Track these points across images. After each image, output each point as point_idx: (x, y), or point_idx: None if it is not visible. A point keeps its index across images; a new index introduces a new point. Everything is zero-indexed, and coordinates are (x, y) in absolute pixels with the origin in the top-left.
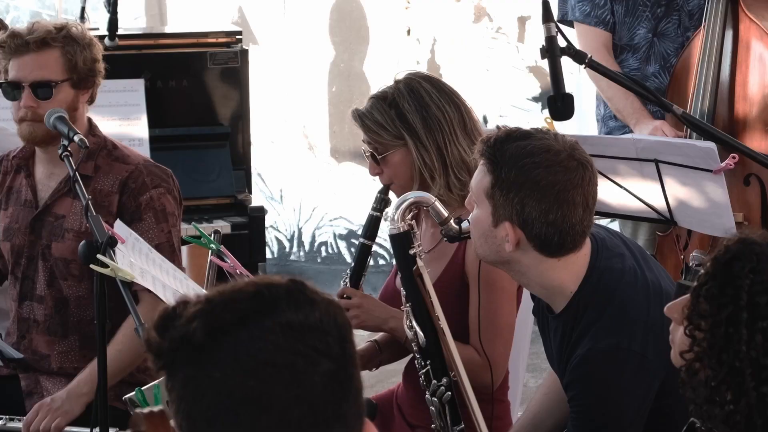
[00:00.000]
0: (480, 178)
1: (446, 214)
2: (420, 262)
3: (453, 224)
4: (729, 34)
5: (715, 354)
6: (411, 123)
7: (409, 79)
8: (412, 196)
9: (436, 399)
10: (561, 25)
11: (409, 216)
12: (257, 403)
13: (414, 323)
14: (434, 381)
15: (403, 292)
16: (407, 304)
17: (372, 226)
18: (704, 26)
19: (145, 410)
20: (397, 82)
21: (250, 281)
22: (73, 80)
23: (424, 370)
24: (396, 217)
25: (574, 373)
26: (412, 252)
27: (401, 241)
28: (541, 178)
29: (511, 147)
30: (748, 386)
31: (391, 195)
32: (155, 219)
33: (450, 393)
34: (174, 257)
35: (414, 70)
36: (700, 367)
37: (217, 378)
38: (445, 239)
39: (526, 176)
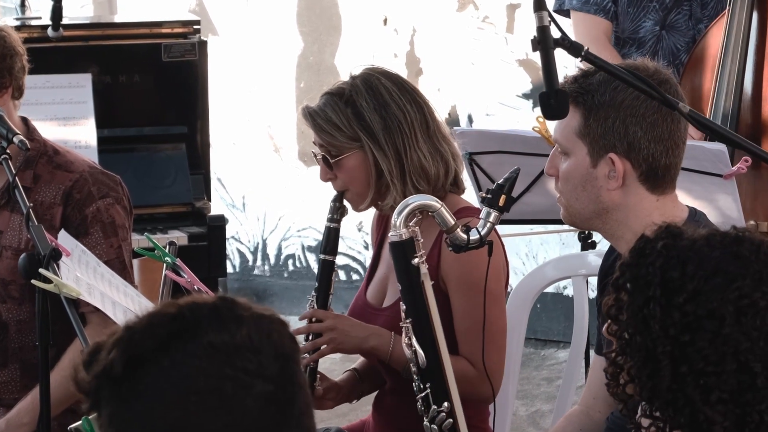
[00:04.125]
0: (567, 121)
1: (453, 222)
2: (424, 272)
3: (460, 233)
4: (755, 24)
5: (634, 340)
6: (368, 123)
7: (367, 74)
8: (415, 200)
9: (435, 426)
10: (556, 15)
11: (413, 222)
12: None
13: (414, 341)
14: (434, 406)
15: (403, 307)
16: (407, 320)
17: (332, 240)
18: (727, 15)
19: None
20: (353, 77)
21: (172, 302)
22: None
23: (422, 394)
24: (398, 224)
25: None
26: (415, 261)
27: (403, 250)
28: (639, 94)
29: (596, 76)
30: (662, 367)
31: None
32: (103, 233)
33: (451, 420)
34: (125, 274)
35: (372, 65)
36: (623, 362)
37: (139, 412)
38: (450, 249)
39: (623, 95)
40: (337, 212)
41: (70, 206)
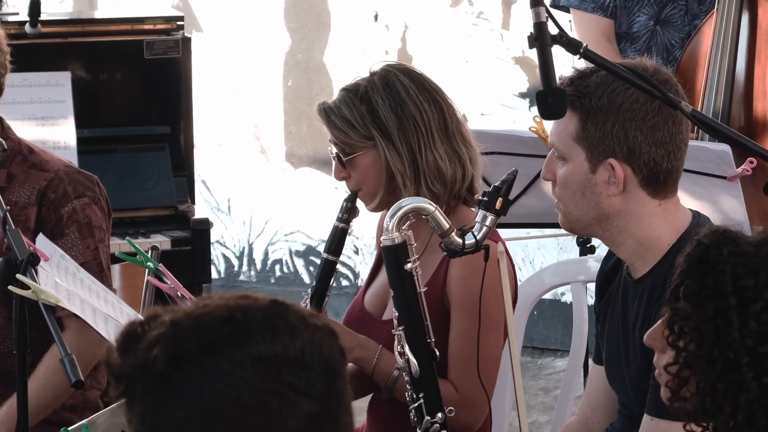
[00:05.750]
0: (563, 126)
1: (448, 225)
2: (417, 279)
3: (455, 237)
4: (745, 21)
5: (706, 353)
6: (383, 121)
7: (385, 71)
8: (408, 203)
9: None
10: (554, 11)
11: (405, 226)
12: None
13: (407, 350)
14: (427, 417)
15: (395, 314)
16: (399, 328)
17: (337, 240)
18: (716, 11)
19: None
20: (372, 73)
21: (225, 303)
22: None
23: (415, 404)
24: (390, 227)
25: None
26: (408, 267)
27: (396, 254)
28: (638, 96)
29: (593, 78)
30: (747, 379)
31: (359, 203)
32: (79, 234)
33: (445, 431)
34: (102, 277)
35: (393, 62)
36: (689, 375)
37: (178, 417)
38: (445, 253)
39: (622, 98)
40: (348, 212)
41: (45, 206)
